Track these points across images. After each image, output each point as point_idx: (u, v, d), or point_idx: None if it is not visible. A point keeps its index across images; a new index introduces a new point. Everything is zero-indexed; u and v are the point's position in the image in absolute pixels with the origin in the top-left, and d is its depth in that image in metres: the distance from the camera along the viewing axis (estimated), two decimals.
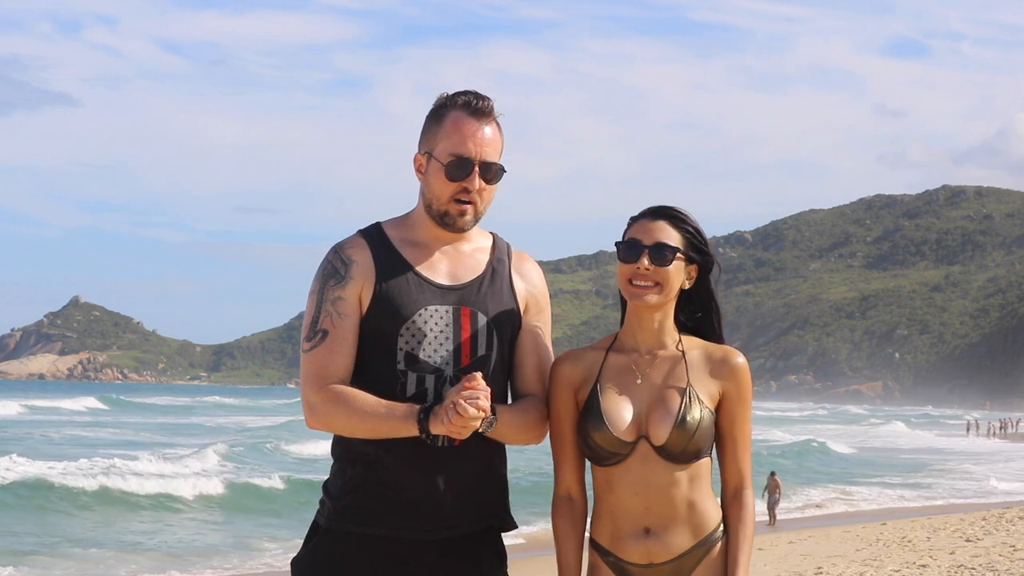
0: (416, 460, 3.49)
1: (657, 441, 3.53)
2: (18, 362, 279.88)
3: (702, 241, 3.65)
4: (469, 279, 3.60)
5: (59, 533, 19.77)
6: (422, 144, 3.61)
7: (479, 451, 3.54)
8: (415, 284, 3.55)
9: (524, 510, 21.34)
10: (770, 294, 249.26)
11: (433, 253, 3.60)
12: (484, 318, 3.57)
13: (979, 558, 14.25)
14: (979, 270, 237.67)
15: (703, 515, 3.57)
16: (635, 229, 3.62)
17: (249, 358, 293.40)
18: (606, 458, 3.55)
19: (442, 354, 3.52)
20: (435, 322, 3.53)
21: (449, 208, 3.55)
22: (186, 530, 20.96)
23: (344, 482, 3.56)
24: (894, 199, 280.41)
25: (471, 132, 3.54)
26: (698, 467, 3.57)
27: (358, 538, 3.53)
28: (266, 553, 18.12)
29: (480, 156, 3.54)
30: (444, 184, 3.54)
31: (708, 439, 3.57)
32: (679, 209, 3.65)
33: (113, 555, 17.49)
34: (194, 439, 43.56)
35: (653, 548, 3.54)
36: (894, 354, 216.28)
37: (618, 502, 3.56)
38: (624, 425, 3.54)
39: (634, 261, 3.57)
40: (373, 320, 3.53)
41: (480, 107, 3.56)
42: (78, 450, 34.48)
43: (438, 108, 3.60)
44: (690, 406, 3.54)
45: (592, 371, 3.62)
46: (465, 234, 3.62)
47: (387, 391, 3.50)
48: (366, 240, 3.60)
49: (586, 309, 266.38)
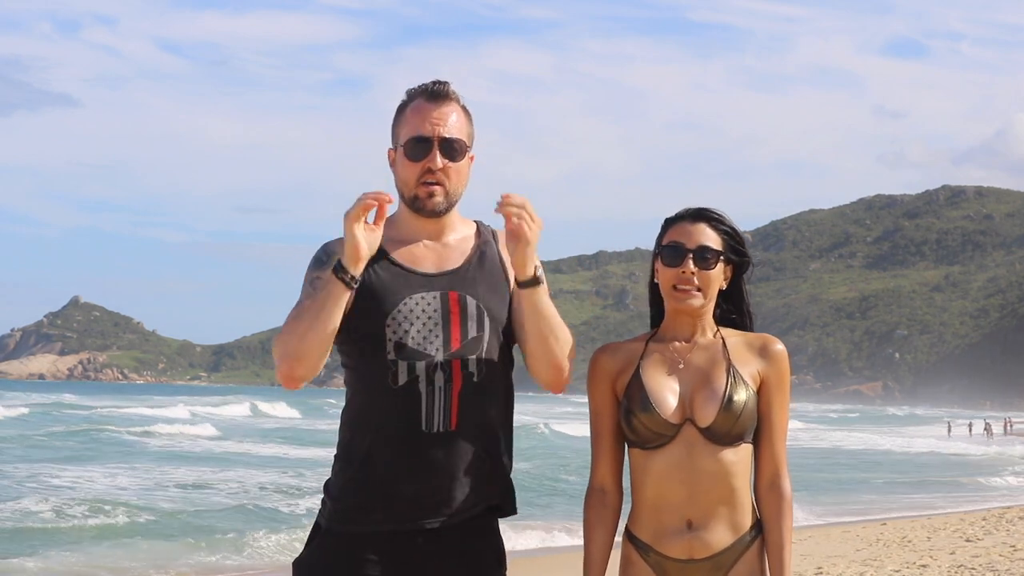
0: (414, 450, 3.52)
1: (703, 423, 3.53)
2: (18, 362, 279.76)
3: (739, 242, 3.67)
4: (456, 266, 3.63)
5: None
6: (391, 141, 3.67)
7: (476, 436, 3.56)
8: (398, 275, 3.58)
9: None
10: (770, 294, 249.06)
11: (418, 247, 3.64)
12: (474, 301, 3.58)
13: (979, 558, 14.24)
14: (979, 270, 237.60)
15: (742, 509, 3.57)
16: (676, 232, 3.63)
17: (249, 358, 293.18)
18: (649, 440, 3.54)
19: (431, 340, 3.54)
20: (421, 309, 3.55)
21: (417, 192, 3.59)
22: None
23: (344, 482, 3.58)
24: (894, 199, 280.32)
25: (427, 113, 3.59)
26: (741, 452, 3.56)
27: (359, 537, 3.54)
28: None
29: (438, 134, 3.57)
30: (408, 167, 3.59)
31: (752, 420, 3.57)
32: (717, 211, 3.67)
33: None
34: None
35: (694, 544, 3.54)
36: (894, 354, 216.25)
37: (659, 492, 3.54)
38: (670, 407, 3.54)
39: (678, 265, 3.59)
40: (359, 313, 3.54)
41: (436, 90, 3.61)
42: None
43: (401, 104, 3.66)
44: (736, 386, 3.56)
45: (632, 359, 3.63)
46: (449, 225, 3.66)
47: (379, 381, 3.53)
48: None
49: (586, 309, 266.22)
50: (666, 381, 3.58)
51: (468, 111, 3.68)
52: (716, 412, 3.53)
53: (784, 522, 3.61)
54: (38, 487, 22.72)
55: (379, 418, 3.55)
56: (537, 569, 13.59)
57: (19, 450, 33.37)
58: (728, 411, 3.53)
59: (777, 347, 3.68)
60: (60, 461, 29.46)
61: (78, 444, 36.23)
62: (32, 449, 33.95)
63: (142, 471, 27.31)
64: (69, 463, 28.89)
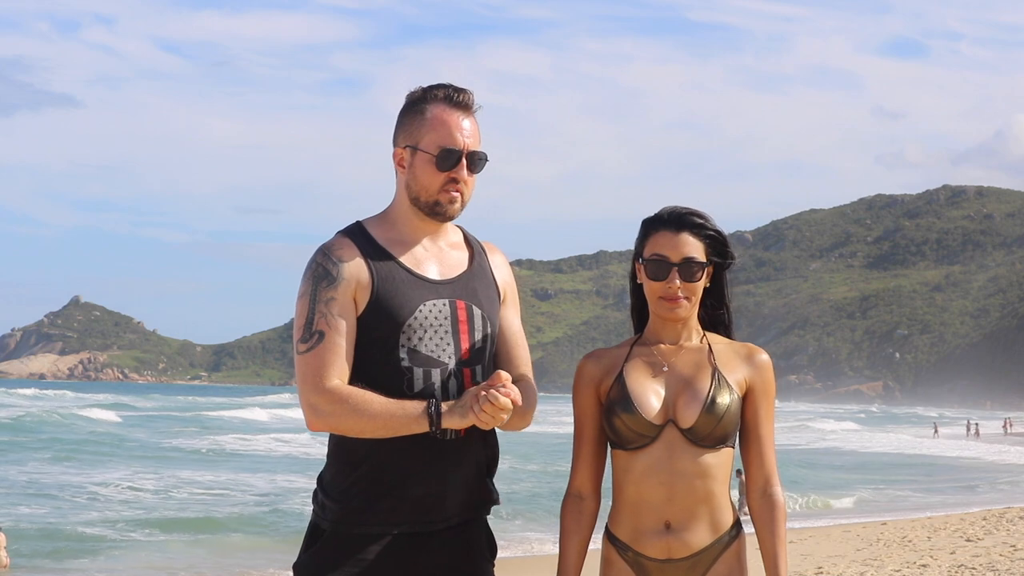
0: (425, 456, 3.52)
1: (685, 424, 3.53)
2: (18, 362, 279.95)
3: (723, 242, 3.66)
4: (457, 273, 3.66)
5: None
6: (401, 139, 3.66)
7: (482, 441, 3.60)
8: (410, 281, 3.59)
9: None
10: (770, 294, 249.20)
11: (419, 249, 3.65)
12: (479, 311, 3.62)
13: (979, 558, 14.24)
14: (979, 270, 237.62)
15: (721, 511, 3.57)
16: (658, 242, 3.62)
17: (249, 358, 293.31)
18: (631, 441, 3.55)
19: (444, 347, 3.56)
20: (435, 316, 3.57)
21: (440, 197, 3.60)
22: None
23: (350, 484, 3.56)
24: (894, 199, 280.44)
25: (456, 124, 3.61)
26: (722, 455, 3.56)
27: (365, 538, 3.55)
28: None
29: (467, 147, 3.61)
30: (434, 175, 3.59)
31: (735, 425, 3.57)
32: (699, 214, 3.65)
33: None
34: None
35: (673, 544, 3.54)
36: (894, 354, 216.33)
37: (640, 492, 3.55)
38: (653, 408, 3.54)
39: (663, 279, 3.59)
40: (373, 320, 3.55)
41: (461, 100, 3.64)
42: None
43: (415, 102, 3.65)
44: (719, 389, 3.55)
45: (616, 363, 3.63)
46: (443, 229, 3.69)
47: (394, 388, 3.52)
48: (352, 240, 3.62)
49: (586, 309, 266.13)
50: (649, 383, 3.58)
51: (475, 117, 3.72)
52: (698, 413, 3.53)
53: (778, 530, 3.61)
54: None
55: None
56: (530, 570, 13.57)
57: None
58: (711, 413, 3.53)
59: (763, 357, 3.66)
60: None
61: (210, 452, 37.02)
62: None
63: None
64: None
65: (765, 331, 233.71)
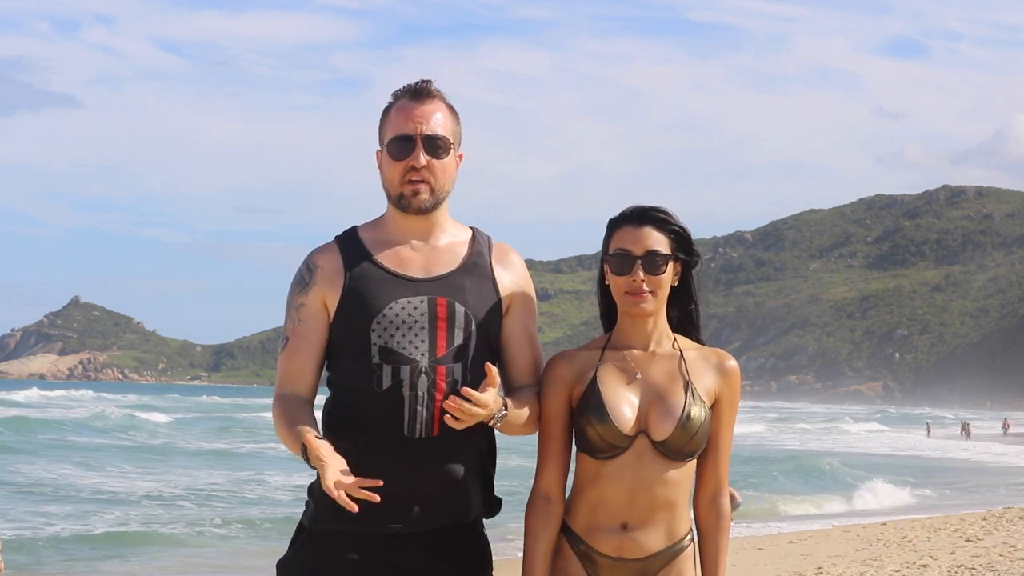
0: (396, 454, 3.51)
1: (658, 437, 3.51)
2: (18, 362, 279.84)
3: (687, 239, 3.62)
4: (444, 271, 3.61)
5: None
6: (379, 142, 3.68)
7: (462, 442, 3.55)
8: (385, 279, 3.58)
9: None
10: (770, 294, 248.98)
11: (406, 249, 3.63)
12: (462, 308, 3.57)
13: (979, 558, 14.23)
14: (979, 270, 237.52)
15: (679, 519, 3.56)
16: (622, 238, 3.60)
17: (249, 358, 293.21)
18: (603, 451, 3.53)
19: (416, 345, 3.53)
20: (407, 314, 3.54)
21: (403, 190, 3.59)
22: None
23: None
24: (894, 199, 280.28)
25: (411, 111, 3.60)
26: (687, 469, 3.56)
27: (342, 536, 3.54)
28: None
29: (420, 132, 3.57)
30: (392, 166, 3.60)
31: (705, 439, 3.57)
32: (661, 209, 3.62)
33: None
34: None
35: (626, 544, 3.53)
36: (894, 354, 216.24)
37: (601, 495, 3.54)
38: (627, 419, 3.52)
39: (627, 273, 3.56)
40: (344, 318, 3.56)
41: (419, 89, 3.63)
42: None
43: (387, 105, 3.67)
44: (693, 404, 3.54)
45: (588, 367, 3.59)
46: (438, 225, 3.65)
47: (364, 385, 3.53)
48: (338, 244, 3.64)
49: (586, 309, 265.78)
50: (623, 392, 3.55)
51: (454, 109, 3.68)
52: (673, 428, 3.51)
53: (721, 538, 3.62)
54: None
55: (362, 421, 3.55)
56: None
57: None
58: (685, 428, 3.51)
59: (731, 364, 3.63)
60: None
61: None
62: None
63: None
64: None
65: (765, 331, 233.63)
